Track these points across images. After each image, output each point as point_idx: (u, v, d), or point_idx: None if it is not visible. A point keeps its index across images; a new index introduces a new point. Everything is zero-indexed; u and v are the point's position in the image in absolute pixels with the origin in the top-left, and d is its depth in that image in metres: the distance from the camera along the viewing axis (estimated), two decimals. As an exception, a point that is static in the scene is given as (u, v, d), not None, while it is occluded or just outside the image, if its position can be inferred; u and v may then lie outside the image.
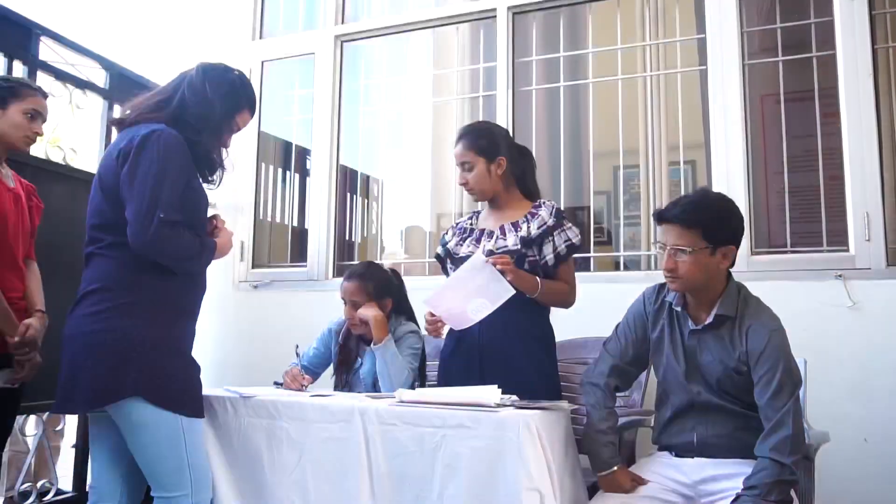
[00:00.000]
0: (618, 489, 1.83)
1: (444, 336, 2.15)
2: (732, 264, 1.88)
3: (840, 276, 2.68)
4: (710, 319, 1.86)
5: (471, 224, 2.31)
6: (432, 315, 2.09)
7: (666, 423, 1.97)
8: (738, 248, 1.86)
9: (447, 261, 2.31)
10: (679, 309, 1.91)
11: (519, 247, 2.11)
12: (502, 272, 1.97)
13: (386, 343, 2.30)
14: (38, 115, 2.12)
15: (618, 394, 2.04)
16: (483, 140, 2.20)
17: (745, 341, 1.81)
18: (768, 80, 3.10)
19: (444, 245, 2.32)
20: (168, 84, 1.89)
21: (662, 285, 1.98)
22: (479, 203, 2.36)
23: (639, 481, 1.85)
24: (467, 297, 1.99)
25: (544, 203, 2.22)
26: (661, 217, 1.85)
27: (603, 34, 3.38)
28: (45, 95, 2.18)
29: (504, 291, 1.96)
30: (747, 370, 1.81)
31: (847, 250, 2.75)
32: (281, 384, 2.31)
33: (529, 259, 2.13)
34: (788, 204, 2.96)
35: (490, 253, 2.10)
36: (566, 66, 3.46)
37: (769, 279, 2.55)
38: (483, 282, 1.96)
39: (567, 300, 2.19)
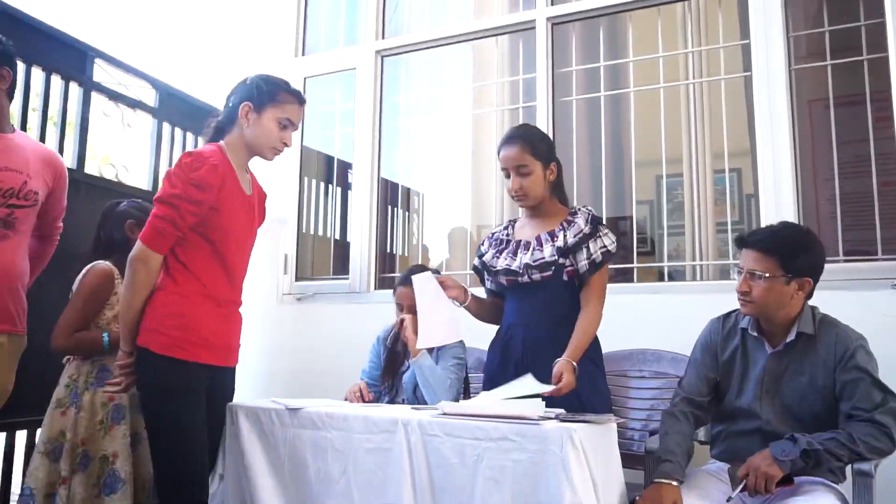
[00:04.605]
0: (652, 501, 1.76)
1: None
2: (810, 297, 1.92)
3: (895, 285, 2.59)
4: (791, 337, 1.89)
5: (507, 235, 2.24)
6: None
7: (731, 437, 1.97)
8: (816, 281, 1.90)
9: (484, 273, 2.28)
10: (755, 334, 1.95)
11: (556, 257, 2.07)
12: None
13: (421, 357, 2.32)
14: (290, 125, 1.98)
15: (700, 427, 2.07)
16: (542, 144, 2.14)
17: (833, 352, 1.84)
18: (816, 84, 3.02)
19: (480, 257, 2.28)
20: None
21: (727, 314, 2.04)
22: (521, 210, 2.29)
23: None
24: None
25: (580, 210, 2.16)
26: (741, 242, 1.92)
27: (644, 43, 3.35)
28: (302, 102, 2.01)
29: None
30: (833, 384, 1.83)
31: (903, 259, 2.66)
32: None
33: (567, 269, 2.08)
34: (840, 212, 2.87)
35: (527, 267, 2.08)
36: (607, 76, 3.43)
37: (822, 289, 2.47)
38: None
39: (596, 329, 2.07)
